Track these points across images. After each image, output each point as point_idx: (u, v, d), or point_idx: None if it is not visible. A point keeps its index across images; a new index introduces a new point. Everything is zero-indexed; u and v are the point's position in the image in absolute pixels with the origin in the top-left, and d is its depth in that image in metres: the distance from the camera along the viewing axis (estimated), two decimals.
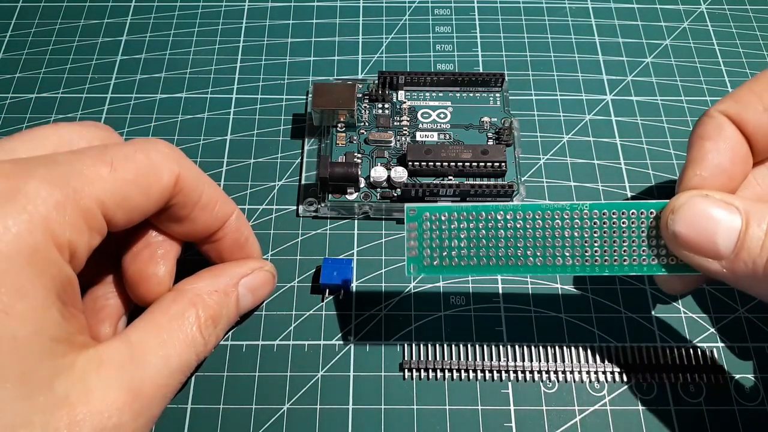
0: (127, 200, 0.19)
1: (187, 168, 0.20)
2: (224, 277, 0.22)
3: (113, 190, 0.18)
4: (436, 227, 0.21)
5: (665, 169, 0.30)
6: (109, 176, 0.18)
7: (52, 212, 0.16)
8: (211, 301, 0.21)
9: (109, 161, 0.18)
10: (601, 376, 0.24)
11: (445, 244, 0.21)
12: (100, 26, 0.35)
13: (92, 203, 0.18)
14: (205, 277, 0.22)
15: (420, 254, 0.21)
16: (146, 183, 0.19)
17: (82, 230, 0.17)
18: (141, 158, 0.19)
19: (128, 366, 0.18)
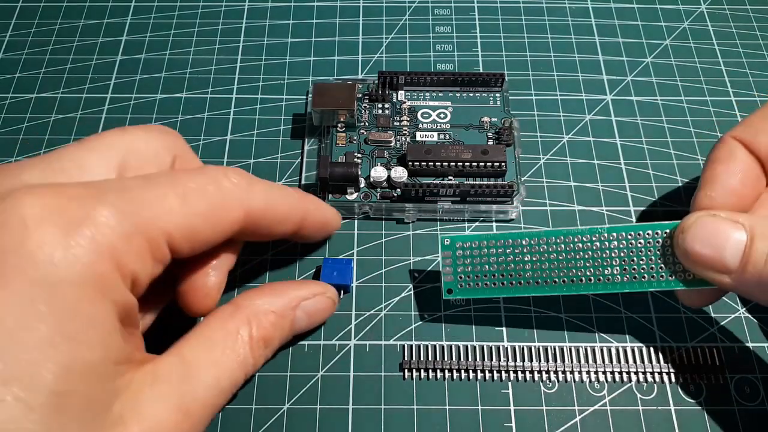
0: (194, 233, 0.19)
1: (256, 193, 0.20)
2: (284, 298, 0.22)
3: (182, 224, 0.18)
4: (468, 254, 0.24)
5: (665, 169, 0.30)
6: (180, 209, 0.18)
7: (120, 242, 0.17)
8: (267, 322, 0.21)
9: (181, 193, 0.18)
10: (601, 376, 0.24)
11: (477, 269, 0.24)
12: (99, 26, 0.35)
13: (159, 235, 0.18)
14: (265, 295, 0.22)
15: (455, 279, 0.24)
16: (215, 217, 0.19)
17: (146, 260, 0.18)
18: (212, 191, 0.19)
19: (180, 384, 0.18)
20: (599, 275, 0.23)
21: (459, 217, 0.28)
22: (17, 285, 0.15)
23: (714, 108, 0.32)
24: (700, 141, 0.31)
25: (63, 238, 0.16)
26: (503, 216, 0.28)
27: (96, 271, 0.16)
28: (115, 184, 0.18)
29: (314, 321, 0.24)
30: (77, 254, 0.16)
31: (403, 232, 0.28)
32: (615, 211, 0.29)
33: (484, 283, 0.24)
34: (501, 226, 0.28)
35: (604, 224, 0.26)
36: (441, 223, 0.28)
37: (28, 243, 0.15)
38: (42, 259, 0.15)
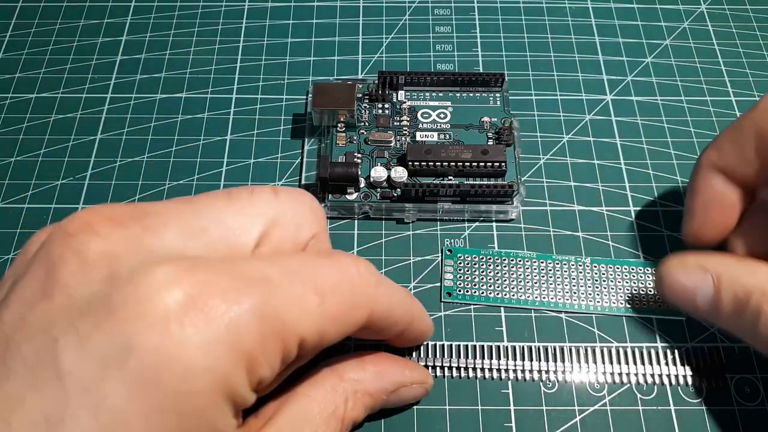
0: (324, 335, 0.17)
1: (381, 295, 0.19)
2: (385, 381, 0.21)
3: (316, 327, 0.17)
4: (468, 264, 0.27)
5: (665, 169, 0.30)
6: (316, 311, 0.17)
7: (256, 349, 0.15)
8: (362, 403, 0.20)
9: (320, 293, 0.17)
10: (601, 376, 0.24)
11: (474, 279, 0.26)
12: (99, 26, 0.35)
13: (293, 340, 0.16)
14: (368, 372, 0.21)
15: (454, 284, 0.26)
16: (345, 319, 0.18)
17: (276, 366, 0.16)
18: (346, 291, 0.18)
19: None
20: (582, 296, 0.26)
21: (459, 217, 0.28)
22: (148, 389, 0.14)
23: (714, 108, 0.32)
24: (700, 141, 0.31)
25: (204, 341, 0.14)
26: (503, 216, 0.28)
27: (229, 380, 0.15)
28: (257, 270, 0.16)
29: (402, 404, 0.23)
30: (215, 362, 0.14)
31: (403, 232, 0.28)
32: (615, 211, 0.29)
33: (480, 292, 0.26)
34: (501, 226, 0.28)
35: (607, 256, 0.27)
36: (441, 223, 0.28)
37: (166, 341, 0.14)
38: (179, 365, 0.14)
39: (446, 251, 0.27)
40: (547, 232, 0.28)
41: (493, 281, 0.26)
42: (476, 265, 0.27)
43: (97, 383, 0.13)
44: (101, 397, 0.13)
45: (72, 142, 0.31)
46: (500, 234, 0.28)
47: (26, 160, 0.30)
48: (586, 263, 0.27)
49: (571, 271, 0.27)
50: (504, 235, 0.28)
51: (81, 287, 0.15)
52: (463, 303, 0.26)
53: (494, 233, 0.28)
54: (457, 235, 0.28)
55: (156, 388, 0.14)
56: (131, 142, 0.31)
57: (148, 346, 0.14)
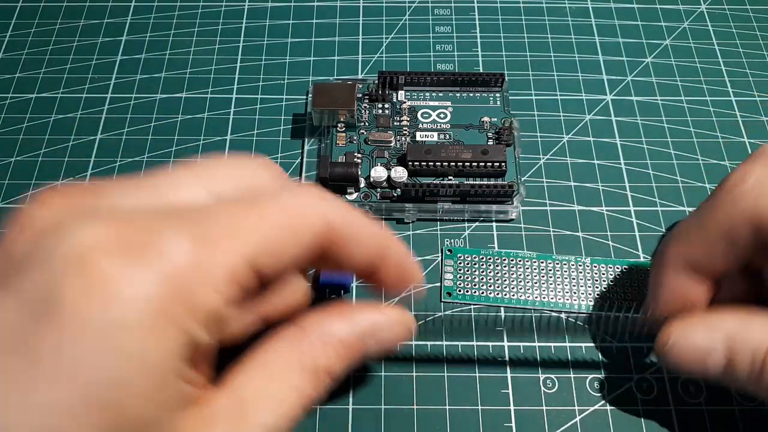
0: (278, 247, 0.16)
1: (336, 206, 0.18)
2: (357, 326, 0.19)
3: (264, 240, 0.16)
4: (468, 265, 0.27)
5: (665, 169, 0.30)
6: (259, 223, 0.16)
7: (193, 274, 0.14)
8: (334, 352, 0.18)
9: (258, 208, 0.16)
10: (601, 376, 0.24)
11: (474, 279, 0.26)
12: (99, 26, 0.35)
13: (241, 261, 0.15)
14: (335, 320, 0.19)
15: (454, 284, 0.26)
16: (296, 226, 0.17)
17: (224, 291, 0.15)
18: (290, 201, 0.17)
19: (236, 427, 0.16)
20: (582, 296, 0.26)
21: (459, 217, 0.28)
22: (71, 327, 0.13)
23: (714, 108, 0.32)
24: (700, 141, 0.31)
25: (127, 273, 0.14)
26: (503, 216, 0.28)
27: (159, 308, 0.14)
28: (185, 208, 0.16)
29: (387, 350, 0.21)
30: (137, 291, 0.14)
31: (403, 232, 0.28)
32: (615, 211, 0.29)
33: (480, 291, 0.26)
34: (501, 226, 0.28)
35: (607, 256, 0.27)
36: (441, 223, 0.28)
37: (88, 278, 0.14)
38: (101, 298, 0.14)
39: (446, 251, 0.27)
40: (547, 232, 0.28)
41: (493, 281, 0.26)
42: (476, 265, 0.27)
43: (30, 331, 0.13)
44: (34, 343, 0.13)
45: (72, 142, 0.31)
46: (500, 234, 0.28)
47: (26, 160, 0.30)
48: (586, 263, 0.27)
49: (571, 271, 0.27)
50: (504, 235, 0.28)
51: (17, 247, 0.15)
52: (463, 303, 0.26)
53: (494, 233, 0.28)
54: (457, 235, 0.28)
55: (89, 329, 0.13)
56: (131, 142, 0.31)
57: (77, 288, 0.14)
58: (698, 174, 0.30)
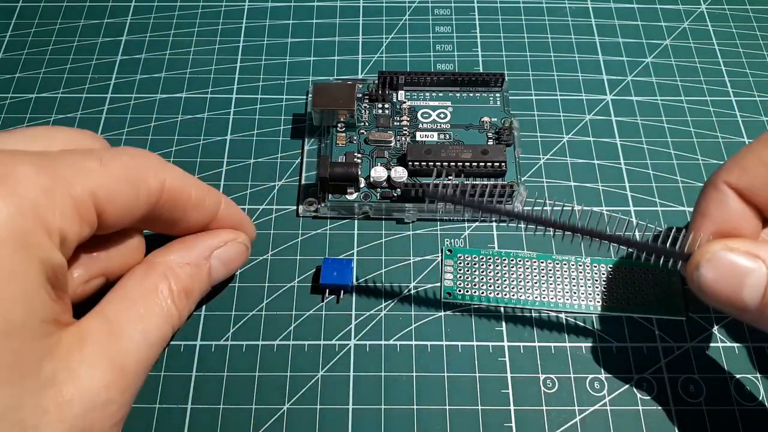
0: (117, 196, 0.19)
1: (171, 171, 0.21)
2: (196, 250, 0.22)
3: (103, 184, 0.18)
4: (468, 265, 0.27)
5: (665, 169, 0.30)
6: (99, 170, 0.18)
7: (42, 197, 0.16)
8: (183, 274, 0.21)
9: (97, 158, 0.18)
10: (601, 376, 0.24)
11: (474, 279, 0.26)
12: (99, 26, 0.35)
13: (83, 193, 0.18)
14: (177, 249, 0.22)
15: (454, 284, 0.26)
16: (135, 182, 0.19)
17: (72, 218, 0.17)
18: (127, 159, 0.19)
19: (110, 342, 0.18)
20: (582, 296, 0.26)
21: (459, 217, 0.28)
22: None
23: (714, 108, 0.32)
24: (700, 141, 0.31)
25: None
26: None
27: (19, 225, 0.16)
28: (35, 152, 0.18)
29: (231, 268, 0.24)
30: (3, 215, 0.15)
31: (403, 232, 0.28)
32: (615, 211, 0.29)
33: (480, 291, 0.26)
34: (501, 226, 0.28)
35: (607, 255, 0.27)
36: (441, 223, 0.28)
37: None
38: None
39: (446, 251, 0.27)
40: (548, 232, 0.28)
41: (493, 281, 0.26)
42: (476, 265, 0.27)
43: None
44: None
45: None
46: (500, 234, 0.28)
47: None
48: (586, 263, 0.27)
49: (571, 271, 0.27)
50: (504, 235, 0.28)
51: None
52: (463, 303, 0.26)
53: (494, 233, 0.28)
54: (457, 235, 0.28)
55: None
56: (131, 142, 0.31)
57: None
58: (698, 174, 0.30)
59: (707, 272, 0.19)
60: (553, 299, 0.26)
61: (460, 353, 0.25)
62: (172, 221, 0.22)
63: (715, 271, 0.19)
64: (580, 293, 0.26)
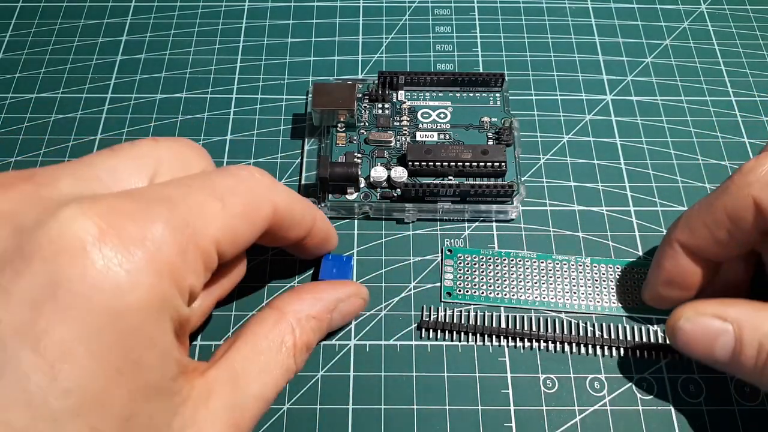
0: (236, 235, 0.19)
1: (280, 192, 0.20)
2: (323, 302, 0.22)
3: (224, 227, 0.18)
4: (468, 264, 0.27)
5: (665, 169, 0.30)
6: (221, 213, 0.18)
7: (177, 259, 0.16)
8: (309, 327, 0.21)
9: (219, 197, 0.18)
10: (601, 376, 0.24)
11: (474, 279, 0.26)
12: (100, 26, 0.35)
13: (209, 244, 0.18)
14: (305, 300, 0.22)
15: (454, 284, 0.26)
16: (252, 215, 0.19)
17: (200, 271, 0.17)
18: (244, 191, 0.19)
19: (233, 398, 0.18)
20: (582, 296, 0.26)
21: (459, 217, 0.28)
22: (84, 315, 0.14)
23: (714, 108, 0.32)
24: (700, 141, 0.31)
25: (125, 261, 0.15)
26: (503, 216, 0.28)
27: (158, 292, 0.16)
28: (159, 194, 0.17)
29: (347, 320, 0.25)
30: (140, 277, 0.15)
31: (403, 232, 0.28)
32: (615, 211, 0.29)
33: (480, 292, 0.26)
34: (501, 226, 0.28)
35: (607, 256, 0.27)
36: (441, 223, 0.28)
37: (90, 269, 0.15)
38: (107, 286, 0.15)
39: (446, 251, 0.27)
40: (547, 232, 0.28)
41: (493, 281, 0.26)
42: (476, 265, 0.27)
43: (32, 323, 0.14)
44: (39, 333, 0.14)
45: (72, 142, 0.31)
46: (500, 234, 0.28)
47: (26, 160, 0.30)
48: (586, 263, 0.27)
49: (571, 271, 0.27)
50: (504, 235, 0.28)
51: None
52: (463, 303, 0.26)
53: (494, 233, 0.28)
54: (457, 235, 0.28)
55: (90, 312, 0.14)
56: None
57: (74, 277, 0.14)
58: (698, 174, 0.30)
59: (682, 336, 0.22)
60: (553, 299, 0.26)
61: (460, 353, 0.25)
62: (274, 239, 0.22)
63: (688, 334, 0.22)
64: (580, 293, 0.26)
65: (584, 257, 0.27)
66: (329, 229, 0.25)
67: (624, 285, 0.26)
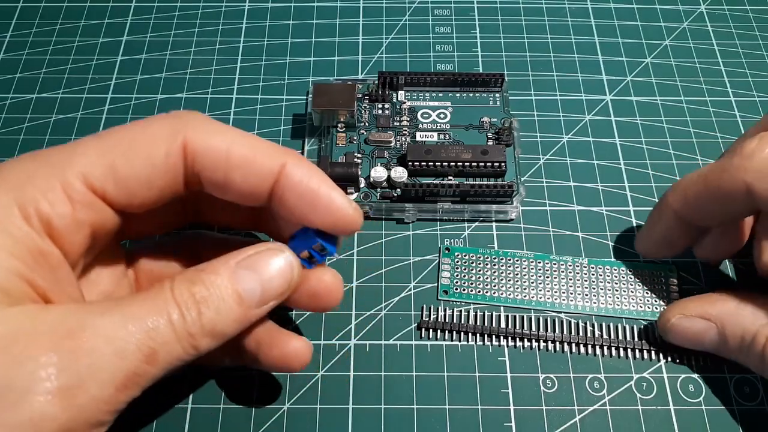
0: (117, 171, 0.18)
1: (198, 127, 0.18)
2: (221, 258, 0.19)
3: (99, 162, 0.18)
4: (465, 263, 0.26)
5: (665, 169, 0.30)
6: (95, 148, 0.18)
7: (22, 183, 0.17)
8: (196, 277, 0.18)
9: (98, 135, 0.18)
10: (601, 376, 0.25)
11: (471, 278, 0.26)
12: (100, 26, 0.35)
13: (72, 175, 0.17)
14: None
15: (451, 282, 0.26)
16: (142, 151, 0.18)
17: (59, 203, 0.17)
18: (137, 128, 0.18)
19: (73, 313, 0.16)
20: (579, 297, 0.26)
21: (459, 217, 0.28)
22: None
23: (713, 108, 0.32)
24: (699, 141, 0.31)
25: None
26: (503, 216, 0.28)
27: None
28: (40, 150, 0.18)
29: (271, 286, 0.19)
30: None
31: (403, 232, 0.28)
32: (614, 211, 0.29)
33: (476, 290, 0.26)
34: (501, 226, 0.28)
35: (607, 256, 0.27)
36: (441, 223, 0.28)
37: None
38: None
39: (444, 249, 0.27)
40: (547, 232, 0.28)
41: (491, 280, 0.26)
42: (473, 264, 0.27)
43: None
44: None
45: None
46: (500, 234, 0.28)
47: None
48: (584, 264, 0.27)
49: (568, 272, 0.27)
50: (504, 235, 0.28)
51: None
52: (460, 301, 0.26)
53: (494, 233, 0.28)
54: (456, 235, 0.28)
55: None
56: None
57: None
58: None
59: (673, 335, 0.24)
60: (551, 299, 0.26)
61: (460, 353, 0.25)
62: (215, 186, 0.19)
63: (678, 333, 0.24)
64: (578, 294, 0.26)
65: (582, 258, 0.27)
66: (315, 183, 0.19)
67: (622, 285, 0.26)
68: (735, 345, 0.23)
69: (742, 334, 0.22)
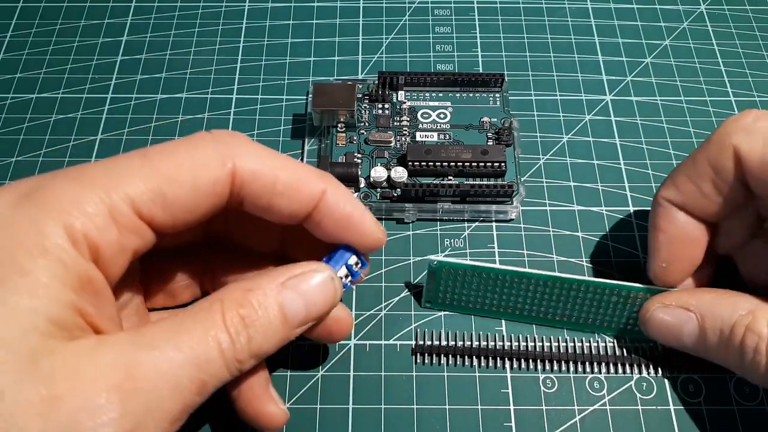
0: (165, 196, 0.17)
1: (247, 154, 0.19)
2: (267, 277, 0.19)
3: (147, 187, 0.17)
4: (452, 278, 0.24)
5: (665, 169, 0.30)
6: (142, 171, 0.17)
7: (69, 206, 0.16)
8: (244, 298, 0.18)
9: (143, 155, 0.18)
10: (601, 376, 0.25)
11: (456, 291, 0.25)
12: (100, 27, 0.35)
13: (120, 200, 0.17)
14: (248, 279, 0.19)
15: (435, 294, 0.25)
16: (190, 176, 0.18)
17: (106, 228, 0.17)
18: (182, 151, 0.18)
19: (128, 349, 0.16)
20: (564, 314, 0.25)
21: (459, 217, 0.28)
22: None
23: (713, 108, 0.32)
24: (699, 141, 0.31)
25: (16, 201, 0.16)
26: (503, 216, 0.28)
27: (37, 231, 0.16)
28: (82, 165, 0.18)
29: (314, 307, 0.19)
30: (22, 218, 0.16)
31: (403, 232, 0.28)
32: (614, 211, 0.29)
33: (461, 303, 0.25)
34: (501, 227, 0.28)
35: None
36: (441, 223, 0.28)
37: None
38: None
39: (432, 265, 0.24)
40: (547, 232, 0.28)
41: (478, 296, 0.25)
42: (460, 279, 0.24)
43: None
44: None
45: (73, 143, 0.31)
46: (500, 234, 0.28)
47: (27, 160, 0.30)
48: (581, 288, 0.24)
49: (570, 292, 0.24)
50: (504, 235, 0.28)
51: None
52: (442, 311, 0.26)
53: (494, 233, 0.28)
54: (456, 235, 0.28)
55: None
56: (132, 142, 0.31)
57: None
58: None
59: (652, 325, 0.23)
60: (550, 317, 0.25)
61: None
62: (257, 209, 0.19)
63: (658, 324, 0.23)
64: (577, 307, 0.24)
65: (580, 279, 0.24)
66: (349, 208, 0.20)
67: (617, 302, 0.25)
68: (714, 340, 0.22)
69: (721, 326, 0.21)
